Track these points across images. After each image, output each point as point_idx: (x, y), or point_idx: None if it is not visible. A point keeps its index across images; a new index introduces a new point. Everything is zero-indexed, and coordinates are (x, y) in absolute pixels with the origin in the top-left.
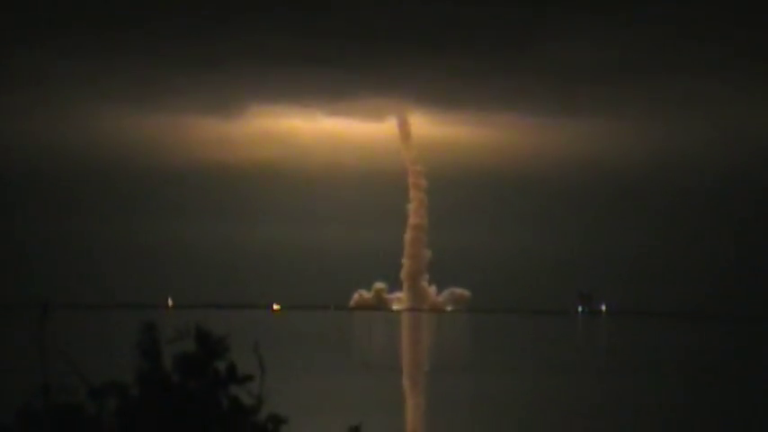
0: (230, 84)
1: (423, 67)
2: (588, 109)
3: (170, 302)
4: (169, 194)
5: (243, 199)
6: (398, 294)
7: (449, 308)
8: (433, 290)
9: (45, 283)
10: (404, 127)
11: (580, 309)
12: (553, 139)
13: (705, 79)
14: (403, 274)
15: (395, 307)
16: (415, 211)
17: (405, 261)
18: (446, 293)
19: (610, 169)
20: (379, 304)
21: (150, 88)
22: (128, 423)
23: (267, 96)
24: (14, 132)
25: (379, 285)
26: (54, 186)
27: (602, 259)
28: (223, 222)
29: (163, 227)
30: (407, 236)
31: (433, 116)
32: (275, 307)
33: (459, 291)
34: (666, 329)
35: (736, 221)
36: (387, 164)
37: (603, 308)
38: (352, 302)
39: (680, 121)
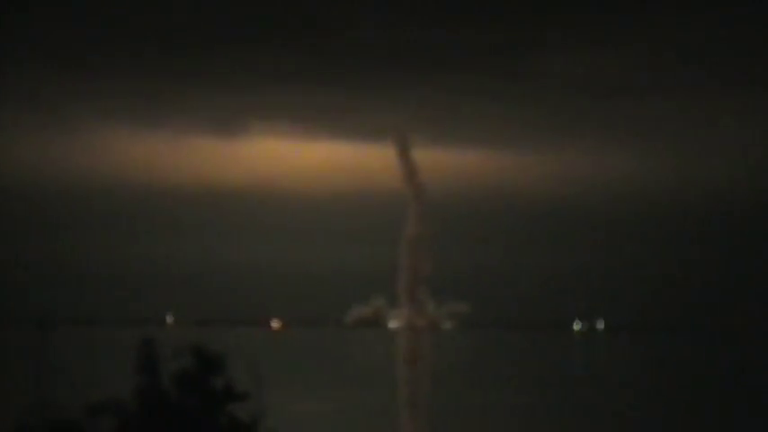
0: (233, 103)
1: (423, 88)
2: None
3: (169, 319)
4: (170, 212)
5: (242, 217)
6: (396, 311)
7: (447, 323)
8: (431, 305)
9: (45, 299)
10: (402, 144)
11: (578, 325)
12: (551, 158)
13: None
14: (399, 288)
15: (392, 323)
16: (412, 222)
17: (401, 273)
18: (444, 308)
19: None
20: (377, 320)
21: (153, 106)
22: None
23: (269, 116)
24: (16, 149)
25: (378, 302)
26: (54, 203)
27: (601, 276)
28: (222, 240)
29: (163, 244)
30: (404, 247)
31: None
32: (274, 323)
33: (457, 305)
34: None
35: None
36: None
37: (602, 325)
38: (349, 319)
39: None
